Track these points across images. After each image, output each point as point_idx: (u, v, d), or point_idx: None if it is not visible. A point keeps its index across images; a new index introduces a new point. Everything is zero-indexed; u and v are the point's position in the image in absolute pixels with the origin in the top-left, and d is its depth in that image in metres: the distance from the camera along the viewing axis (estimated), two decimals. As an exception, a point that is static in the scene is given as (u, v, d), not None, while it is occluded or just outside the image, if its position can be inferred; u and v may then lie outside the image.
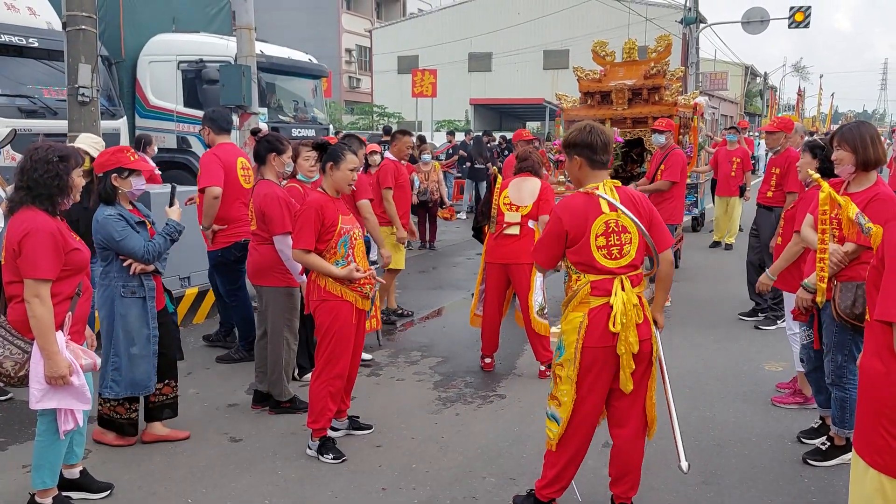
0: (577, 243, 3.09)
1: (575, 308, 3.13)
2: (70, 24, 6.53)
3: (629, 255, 3.11)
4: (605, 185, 3.15)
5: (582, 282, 3.11)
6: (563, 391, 3.17)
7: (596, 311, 3.07)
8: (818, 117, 52.67)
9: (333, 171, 3.95)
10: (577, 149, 3.17)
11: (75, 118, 6.71)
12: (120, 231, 3.74)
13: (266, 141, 4.70)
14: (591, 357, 3.09)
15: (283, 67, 11.72)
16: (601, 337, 3.06)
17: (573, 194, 3.24)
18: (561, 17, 32.92)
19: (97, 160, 3.84)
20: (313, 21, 40.09)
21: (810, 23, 22.54)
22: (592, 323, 3.07)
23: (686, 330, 6.69)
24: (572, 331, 3.12)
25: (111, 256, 3.83)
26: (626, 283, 3.09)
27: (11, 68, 8.54)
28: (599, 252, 3.08)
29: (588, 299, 3.10)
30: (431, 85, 22.08)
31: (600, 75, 8.72)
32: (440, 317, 7.40)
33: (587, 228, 3.07)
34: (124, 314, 3.85)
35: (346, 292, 3.94)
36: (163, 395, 4.16)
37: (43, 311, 2.98)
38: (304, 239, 3.86)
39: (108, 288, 3.86)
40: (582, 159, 3.17)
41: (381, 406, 4.84)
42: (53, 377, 3.00)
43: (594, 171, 3.17)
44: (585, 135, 3.15)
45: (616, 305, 3.03)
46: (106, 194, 3.78)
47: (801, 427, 4.38)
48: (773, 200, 6.74)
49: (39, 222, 3.04)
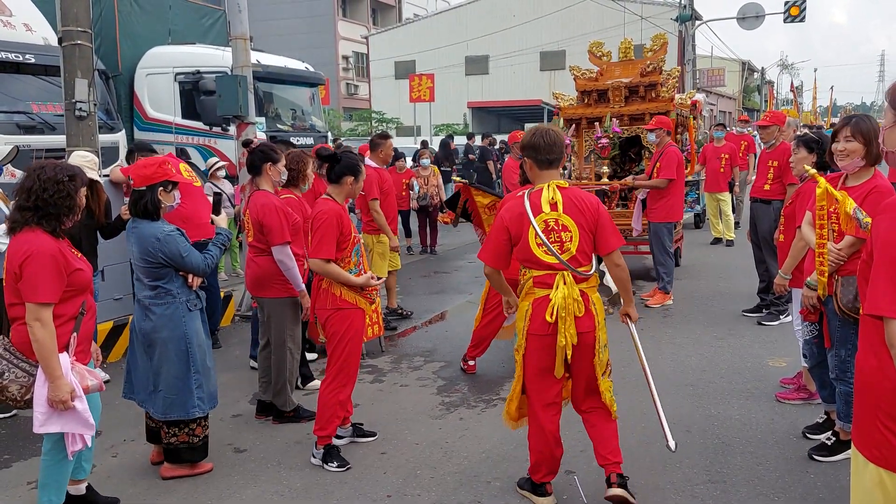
0: (520, 241, 3.32)
1: (523, 298, 3.41)
2: (66, 39, 6.53)
3: (569, 252, 3.28)
4: (550, 186, 3.32)
5: (527, 276, 3.37)
6: (518, 376, 3.51)
7: (539, 302, 3.32)
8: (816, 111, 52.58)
9: (355, 184, 4.03)
10: (526, 151, 3.39)
11: (73, 133, 6.71)
12: (185, 247, 3.66)
13: (260, 151, 4.65)
14: (534, 343, 3.36)
15: (279, 76, 11.75)
16: (541, 325, 3.30)
17: (516, 195, 3.52)
18: (556, 18, 32.98)
19: (141, 173, 3.64)
20: (310, 29, 40.23)
21: (806, 17, 22.58)
22: (535, 312, 3.32)
23: (689, 327, 6.67)
24: (521, 318, 3.41)
25: (170, 274, 3.67)
26: (567, 278, 3.28)
27: (8, 85, 8.55)
28: (539, 249, 3.28)
29: (533, 290, 3.35)
30: (429, 89, 22.14)
31: (597, 74, 8.73)
32: (443, 321, 7.39)
33: (525, 227, 3.29)
34: (194, 329, 3.75)
35: (359, 300, 3.98)
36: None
37: (45, 334, 2.95)
38: (326, 249, 3.84)
39: (172, 305, 3.68)
40: (530, 160, 3.37)
41: (384, 412, 4.83)
42: (55, 401, 2.98)
43: (542, 172, 3.36)
44: (530, 136, 3.36)
45: (555, 298, 3.26)
46: (153, 207, 3.64)
47: (806, 423, 4.37)
48: (771, 193, 6.73)
49: (41, 244, 2.99)
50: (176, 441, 3.83)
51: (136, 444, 4.34)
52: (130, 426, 4.54)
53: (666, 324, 6.83)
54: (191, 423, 3.83)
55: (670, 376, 5.34)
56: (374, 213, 6.63)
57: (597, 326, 3.35)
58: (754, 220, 6.94)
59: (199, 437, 3.88)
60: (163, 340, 3.68)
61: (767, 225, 6.71)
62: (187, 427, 3.82)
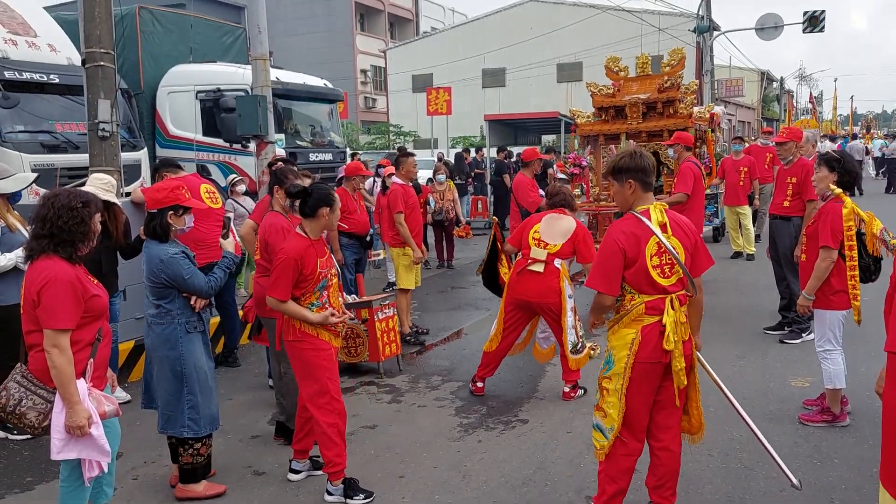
0: (636, 264, 3.20)
1: (627, 325, 3.26)
2: (89, 61, 6.64)
3: (677, 274, 3.26)
4: (655, 207, 3.29)
5: (636, 301, 3.24)
6: (610, 403, 3.30)
7: (649, 329, 3.21)
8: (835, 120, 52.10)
9: (330, 215, 3.93)
10: (631, 173, 3.28)
11: (96, 153, 6.81)
12: (188, 269, 3.74)
13: (273, 174, 4.74)
14: (641, 371, 3.24)
15: (298, 93, 11.86)
16: (652, 353, 3.21)
17: (624, 217, 3.35)
18: (573, 30, 32.98)
19: (153, 196, 3.77)
20: (329, 43, 40.59)
21: (825, 27, 22.41)
22: (645, 339, 3.21)
23: (709, 345, 6.56)
24: (623, 346, 3.24)
25: (172, 294, 3.76)
26: (675, 303, 3.24)
27: (33, 104, 8.71)
28: (655, 271, 3.21)
29: (642, 317, 3.23)
30: (446, 103, 22.18)
31: (614, 90, 8.72)
32: (460, 339, 7.38)
33: (642, 249, 3.19)
34: (192, 350, 3.81)
35: (321, 332, 3.88)
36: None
37: (63, 360, 2.98)
38: (281, 289, 3.76)
39: (171, 326, 3.77)
40: (636, 183, 3.28)
41: (402, 433, 4.82)
42: (72, 427, 3.00)
43: (645, 194, 3.31)
44: (638, 159, 3.29)
45: (668, 324, 3.18)
46: (162, 231, 3.75)
47: (830, 446, 4.30)
48: (791, 210, 6.67)
49: (58, 271, 3.03)
50: (183, 462, 3.92)
51: (157, 467, 4.37)
52: (151, 448, 4.57)
53: (686, 342, 6.76)
54: (195, 443, 3.88)
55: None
56: (399, 226, 6.87)
57: (693, 351, 3.34)
58: (774, 237, 6.88)
59: (203, 456, 3.95)
60: (159, 359, 3.82)
61: (787, 242, 6.65)
62: (190, 448, 3.89)
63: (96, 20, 6.56)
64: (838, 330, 4.70)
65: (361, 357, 6.00)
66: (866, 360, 5.71)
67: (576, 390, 5.37)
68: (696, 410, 3.43)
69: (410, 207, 6.97)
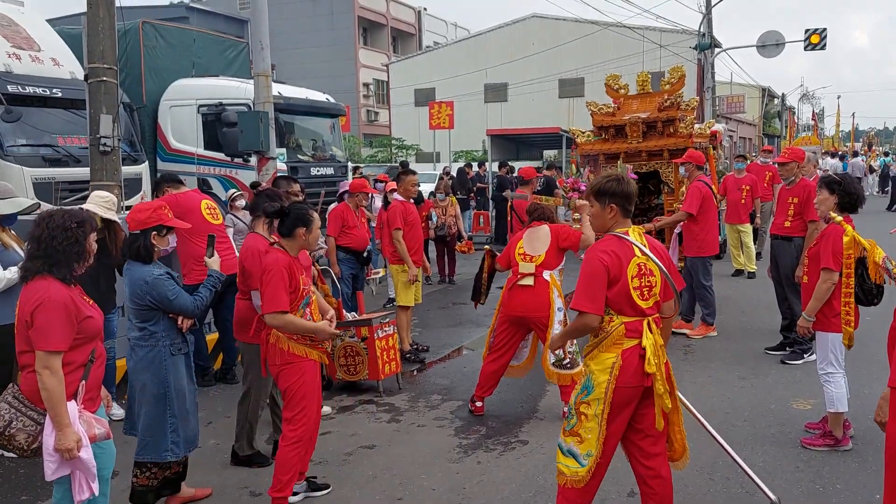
0: (618, 283, 3.18)
1: (608, 349, 3.22)
2: (92, 76, 6.66)
3: (655, 297, 3.26)
4: (634, 230, 3.31)
5: (615, 323, 3.21)
6: (588, 428, 3.23)
7: (629, 352, 3.19)
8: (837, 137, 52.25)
9: (307, 235, 3.91)
10: (616, 198, 3.30)
11: (97, 167, 6.82)
12: (173, 290, 3.71)
13: (265, 195, 4.65)
14: (622, 396, 3.19)
15: (300, 108, 11.88)
16: (633, 377, 3.18)
17: (604, 238, 3.34)
18: (575, 46, 33.12)
19: (135, 217, 3.75)
20: (332, 57, 40.79)
21: (826, 44, 22.48)
22: (626, 363, 3.18)
23: (711, 365, 6.57)
24: (603, 371, 3.20)
25: (157, 316, 3.73)
26: (652, 325, 3.23)
27: (36, 118, 8.72)
28: (636, 292, 3.19)
29: (622, 340, 3.20)
30: (448, 117, 22.25)
31: (614, 109, 8.72)
32: (461, 356, 7.34)
33: (624, 269, 3.19)
34: (176, 373, 3.77)
35: (309, 352, 3.84)
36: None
37: (54, 382, 2.94)
38: (280, 300, 3.71)
39: (155, 349, 3.73)
40: (618, 209, 3.31)
41: (401, 454, 4.78)
42: (61, 449, 2.96)
43: (624, 220, 3.34)
44: (624, 185, 3.31)
45: (648, 347, 3.17)
46: (146, 252, 3.72)
47: (833, 472, 4.26)
48: (792, 230, 6.67)
49: (52, 293, 3.00)
50: (136, 483, 3.87)
51: (153, 486, 4.32)
52: (147, 466, 4.52)
53: (687, 361, 6.73)
54: (153, 467, 3.83)
55: (692, 419, 5.22)
56: (397, 242, 6.90)
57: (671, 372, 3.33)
58: (775, 257, 6.86)
59: (158, 479, 3.91)
60: (143, 383, 3.75)
61: (789, 262, 6.64)
62: (149, 470, 3.85)
63: (99, 36, 6.58)
64: (840, 352, 4.66)
65: (361, 375, 5.97)
66: (869, 383, 5.67)
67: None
68: (679, 435, 3.39)
69: (410, 224, 6.97)
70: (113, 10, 6.67)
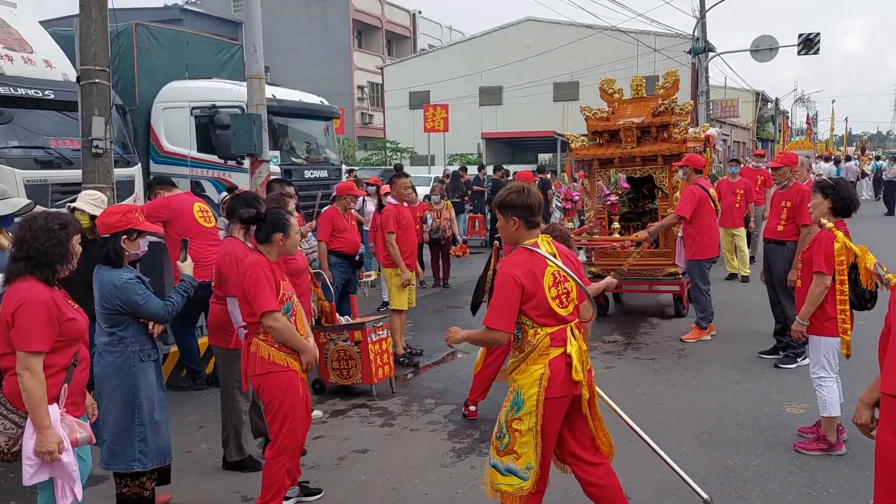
0: (535, 297, 3.17)
1: (535, 361, 3.19)
2: (84, 78, 6.62)
3: (573, 302, 3.29)
4: (542, 239, 3.31)
5: (541, 335, 3.20)
6: (523, 443, 3.21)
7: (556, 361, 3.18)
8: (832, 141, 52.52)
9: (285, 240, 3.83)
10: (516, 210, 3.26)
11: (89, 169, 6.77)
12: (143, 294, 3.62)
13: (242, 198, 4.57)
14: (552, 407, 3.19)
15: (294, 110, 11.84)
16: (561, 386, 3.18)
17: (515, 251, 3.32)
18: (570, 50, 33.20)
19: (105, 221, 3.66)
20: (326, 59, 40.76)
21: (819, 49, 22.58)
22: (554, 373, 3.17)
23: (704, 370, 6.56)
24: (532, 383, 3.18)
25: (126, 321, 3.63)
26: (574, 331, 3.25)
27: (28, 120, 8.67)
28: (554, 302, 3.20)
29: (548, 351, 3.19)
30: (443, 120, 22.29)
31: (608, 114, 8.72)
32: (454, 360, 7.32)
33: (540, 281, 3.18)
34: (145, 380, 3.68)
35: (291, 362, 3.73)
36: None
37: (34, 384, 2.91)
38: (266, 300, 3.60)
39: (124, 355, 3.63)
40: (520, 221, 3.27)
41: (394, 458, 4.76)
42: (42, 452, 2.93)
43: (530, 231, 3.30)
44: (525, 197, 3.26)
45: (574, 354, 3.18)
46: (115, 256, 3.64)
47: (827, 477, 4.26)
48: (785, 234, 6.68)
49: (34, 294, 2.97)
50: (128, 492, 3.75)
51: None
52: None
53: (681, 365, 6.73)
54: (140, 476, 3.72)
55: (686, 423, 5.24)
56: (390, 246, 6.88)
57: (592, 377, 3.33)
58: (768, 261, 6.88)
59: (149, 490, 3.78)
60: (110, 389, 3.64)
61: (782, 266, 6.65)
62: (136, 480, 3.74)
63: (92, 37, 6.54)
64: (833, 357, 4.67)
65: (354, 379, 5.95)
66: (862, 387, 5.65)
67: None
68: (604, 437, 3.40)
69: (403, 228, 6.95)
70: (105, 12, 6.63)
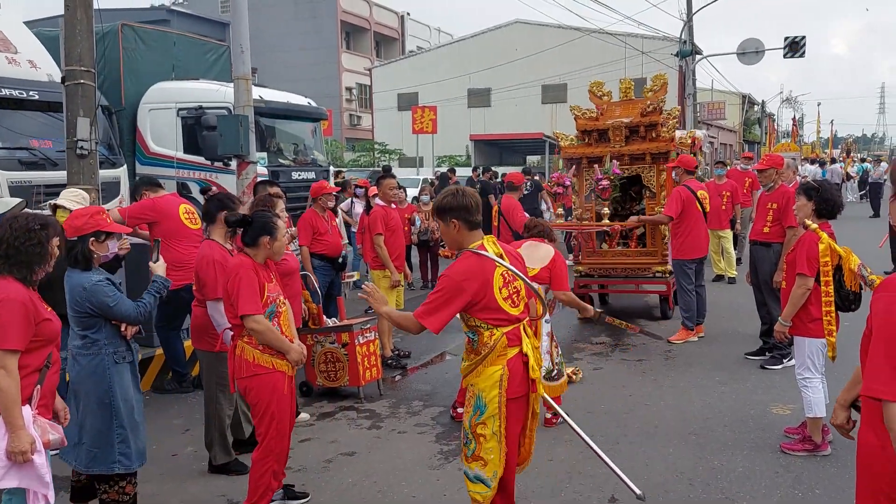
0: (484, 300, 3.14)
1: (493, 362, 3.17)
2: (69, 79, 6.56)
3: (524, 300, 3.28)
4: (488, 240, 3.27)
5: (497, 335, 3.17)
6: (489, 449, 3.17)
7: (513, 361, 3.17)
8: (818, 143, 52.93)
9: (272, 243, 3.80)
10: (454, 213, 3.22)
11: (74, 170, 6.72)
12: (113, 296, 3.58)
13: (217, 199, 4.52)
14: (513, 408, 3.18)
15: (282, 111, 11.81)
16: (519, 385, 3.18)
17: (463, 256, 3.25)
18: (558, 52, 33.29)
19: (72, 223, 3.59)
20: (314, 61, 40.66)
21: (805, 52, 22.78)
22: (512, 373, 3.15)
23: (691, 370, 6.59)
24: (492, 385, 3.15)
25: (99, 324, 3.59)
26: (527, 329, 3.25)
27: (12, 120, 8.59)
28: (506, 302, 3.18)
29: (505, 351, 3.17)
30: (431, 121, 22.30)
31: (597, 114, 8.76)
32: (443, 362, 7.32)
33: (490, 284, 3.14)
34: (120, 382, 3.63)
35: (276, 363, 3.71)
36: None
37: (8, 382, 2.87)
38: (252, 304, 3.58)
39: (97, 357, 3.58)
40: (460, 223, 3.23)
41: (381, 461, 4.75)
42: (14, 452, 2.88)
43: (472, 232, 3.25)
44: (460, 198, 3.22)
45: (528, 352, 3.18)
46: (83, 259, 3.58)
47: (812, 477, 4.28)
48: (771, 236, 6.71)
49: (11, 291, 2.95)
50: (107, 497, 3.70)
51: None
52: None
53: (668, 366, 6.75)
54: (120, 481, 3.68)
55: (673, 424, 5.26)
56: (378, 247, 6.86)
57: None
58: (754, 262, 6.92)
59: (129, 495, 3.74)
60: (86, 392, 3.60)
61: (768, 268, 6.69)
62: (117, 485, 3.69)
63: (77, 38, 6.48)
64: (818, 358, 4.69)
65: (341, 382, 5.93)
66: (847, 388, 5.71)
67: (557, 417, 5.32)
68: (529, 439, 3.36)
69: (391, 230, 6.94)
70: (91, 13, 6.58)
